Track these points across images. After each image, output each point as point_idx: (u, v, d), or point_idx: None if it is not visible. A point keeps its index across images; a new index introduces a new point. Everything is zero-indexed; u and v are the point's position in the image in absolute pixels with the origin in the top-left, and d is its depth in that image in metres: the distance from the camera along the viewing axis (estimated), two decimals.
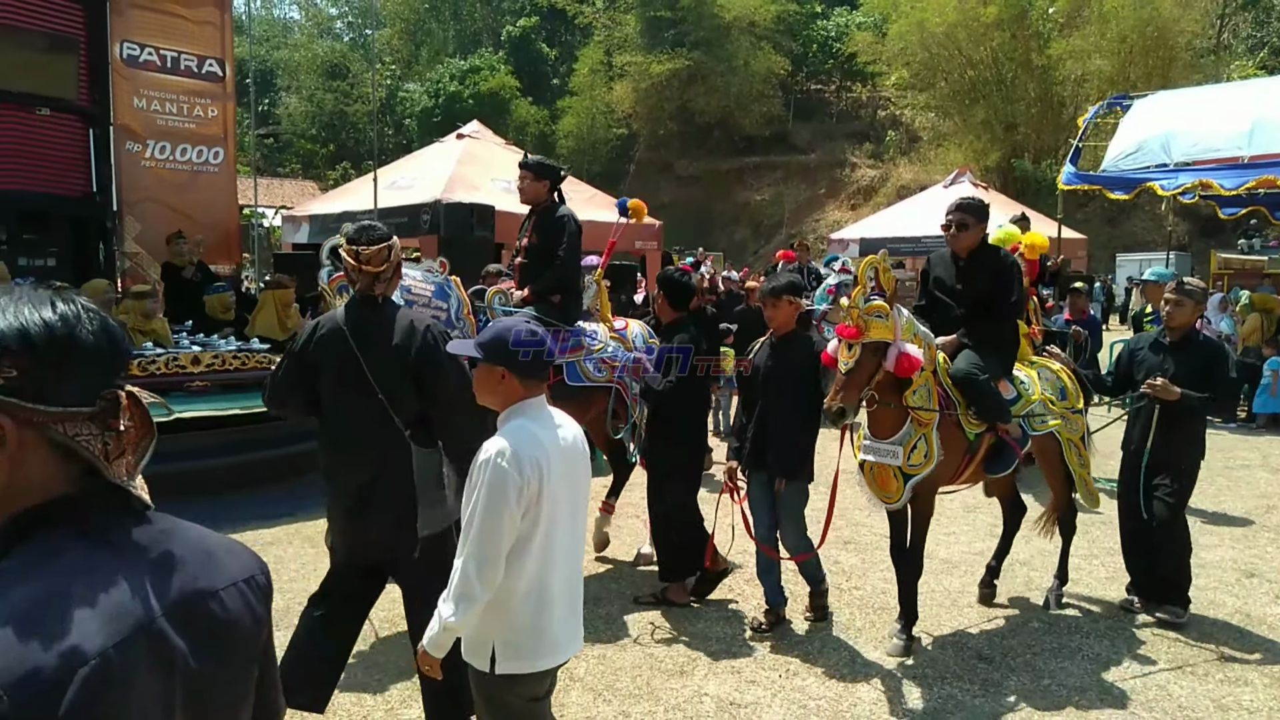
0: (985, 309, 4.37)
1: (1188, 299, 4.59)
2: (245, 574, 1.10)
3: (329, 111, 41.77)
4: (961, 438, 4.17)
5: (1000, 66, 31.09)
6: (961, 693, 3.80)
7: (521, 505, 2.24)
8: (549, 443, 2.32)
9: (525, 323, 2.44)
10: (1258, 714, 3.67)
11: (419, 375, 2.95)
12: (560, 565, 2.33)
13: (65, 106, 8.14)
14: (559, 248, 5.00)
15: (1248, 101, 10.94)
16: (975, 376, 4.13)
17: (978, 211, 4.39)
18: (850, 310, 3.79)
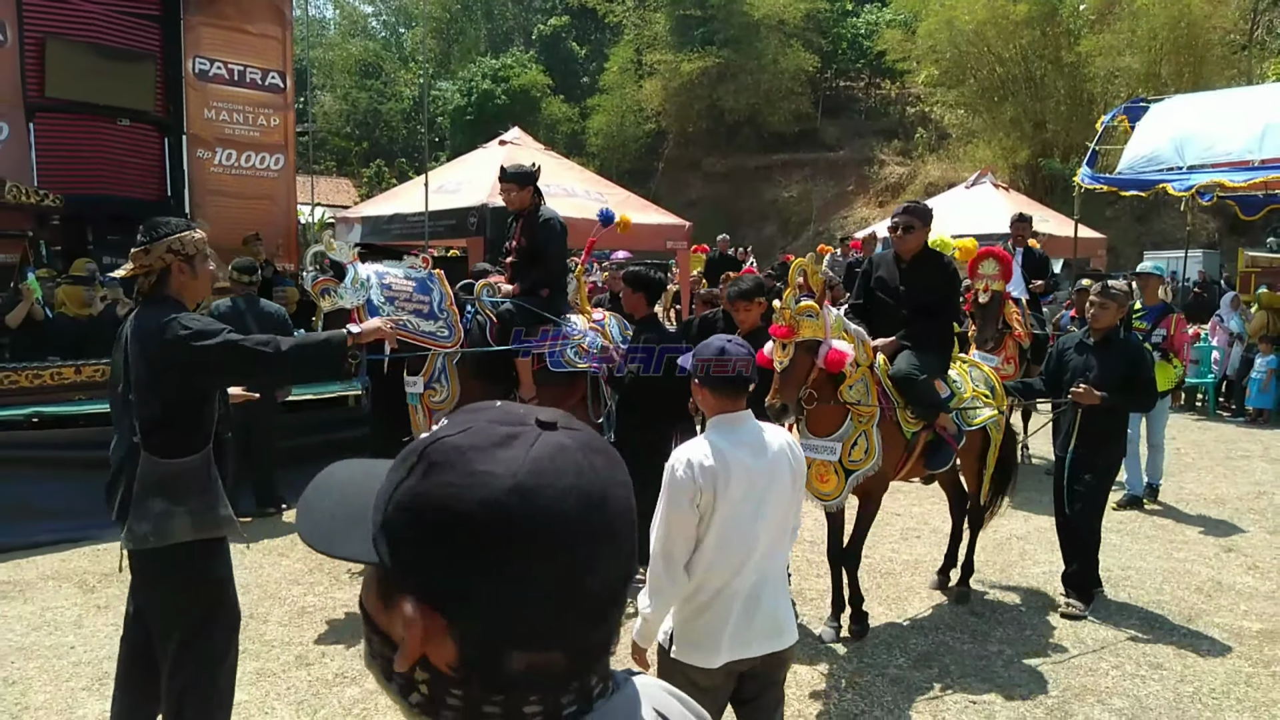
0: (926, 311, 4.52)
1: (1111, 301, 4.83)
2: None
3: (363, 110, 42.60)
4: (899, 435, 4.30)
5: (1030, 64, 31.11)
6: (953, 639, 4.36)
7: (695, 509, 2.38)
8: (733, 458, 2.41)
9: (728, 341, 2.54)
10: (1212, 660, 4.20)
11: (174, 375, 2.80)
12: (738, 572, 2.41)
13: (143, 118, 8.84)
14: (544, 247, 5.42)
15: (1260, 106, 11.26)
16: (914, 377, 4.28)
17: (923, 215, 4.58)
18: (782, 311, 3.91)
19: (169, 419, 2.82)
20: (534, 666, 0.70)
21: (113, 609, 4.61)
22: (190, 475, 2.82)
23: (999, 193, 15.63)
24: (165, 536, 2.76)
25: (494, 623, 0.69)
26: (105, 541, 5.60)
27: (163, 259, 2.84)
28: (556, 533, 0.68)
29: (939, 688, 3.89)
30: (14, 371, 5.82)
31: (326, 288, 4.65)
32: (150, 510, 2.74)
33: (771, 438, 2.54)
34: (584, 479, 0.70)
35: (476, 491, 0.68)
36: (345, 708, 3.66)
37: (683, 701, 0.89)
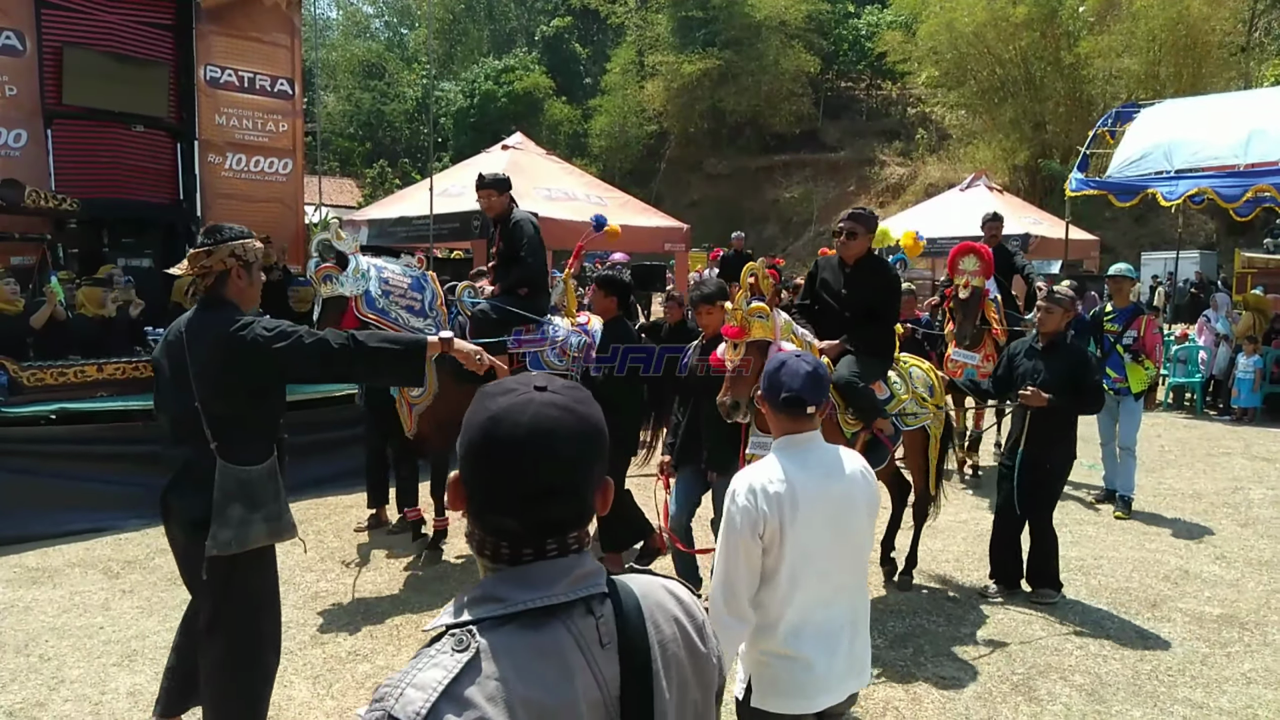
0: (868, 315, 4.67)
1: (1057, 307, 5.04)
2: None
3: (367, 110, 42.90)
4: (840, 436, 4.41)
5: (1029, 65, 31.31)
6: (929, 623, 4.63)
7: (759, 540, 2.24)
8: (801, 482, 2.29)
9: (796, 357, 2.45)
10: (1173, 640, 4.46)
11: (243, 377, 2.88)
12: (820, 605, 2.29)
13: (157, 124, 9.10)
14: (520, 249, 5.60)
15: (1246, 111, 11.51)
16: (855, 384, 4.42)
17: (867, 222, 4.70)
18: (734, 312, 4.05)
19: (241, 422, 2.91)
20: (500, 525, 1.11)
21: (137, 593, 4.90)
22: (263, 482, 2.94)
23: (992, 195, 15.88)
24: (246, 542, 2.87)
25: (474, 491, 1.12)
26: (127, 531, 5.90)
27: (224, 262, 2.92)
28: (505, 449, 1.08)
29: (913, 666, 4.15)
30: (40, 370, 6.11)
31: (329, 274, 4.88)
32: (231, 517, 2.83)
33: (847, 461, 2.42)
34: (536, 420, 1.09)
35: (476, 417, 1.11)
36: (358, 681, 3.93)
37: (680, 600, 1.22)
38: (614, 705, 1.08)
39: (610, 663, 1.09)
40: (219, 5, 9.26)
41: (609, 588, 1.14)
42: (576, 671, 1.06)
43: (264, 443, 3.01)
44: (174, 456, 3.00)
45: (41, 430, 6.03)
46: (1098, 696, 3.89)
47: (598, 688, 1.07)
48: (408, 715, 0.97)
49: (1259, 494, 7.33)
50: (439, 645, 1.04)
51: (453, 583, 5.15)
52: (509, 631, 1.05)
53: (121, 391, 6.38)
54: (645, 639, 1.13)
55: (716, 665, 1.25)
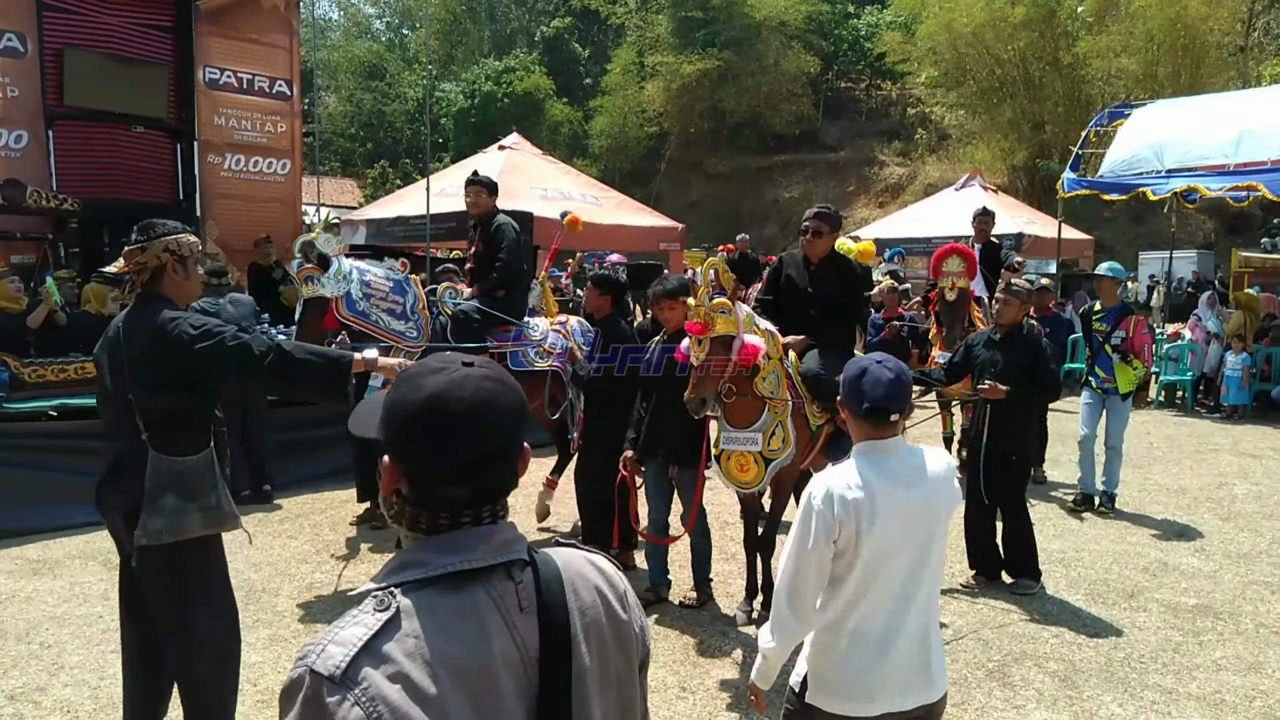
0: (832, 312, 4.76)
1: (1014, 298, 5.18)
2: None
3: (367, 111, 43.03)
4: (806, 427, 4.53)
5: (1028, 65, 31.36)
6: None
7: (832, 545, 2.21)
8: (881, 489, 2.24)
9: (875, 361, 2.36)
10: (1146, 631, 4.56)
11: (177, 372, 2.87)
12: (888, 612, 2.24)
13: (157, 124, 9.23)
14: (499, 251, 5.70)
15: (1237, 112, 11.62)
16: (821, 376, 4.48)
17: (832, 221, 4.80)
18: (697, 309, 4.09)
19: (174, 416, 2.90)
20: (446, 495, 1.16)
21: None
22: (198, 472, 2.93)
23: (987, 195, 15.97)
24: (180, 532, 2.85)
25: (416, 467, 1.16)
26: None
27: (158, 258, 2.91)
28: (452, 420, 1.14)
29: None
30: (42, 366, 6.22)
31: (310, 275, 4.95)
32: (164, 507, 2.82)
33: (931, 463, 2.35)
34: (476, 392, 1.16)
35: (414, 395, 1.15)
36: None
37: (601, 570, 1.27)
38: (532, 666, 1.13)
39: (529, 626, 1.14)
40: (218, 7, 9.39)
41: (530, 557, 1.19)
42: (494, 632, 1.11)
43: (198, 435, 3.01)
44: (109, 450, 3.03)
45: (42, 425, 6.14)
46: (1070, 683, 3.99)
47: (515, 649, 1.12)
48: (328, 669, 1.02)
49: (1243, 489, 7.42)
50: (361, 606, 1.10)
51: None
52: (429, 593, 1.10)
53: None
54: (565, 605, 1.18)
55: (639, 635, 1.29)
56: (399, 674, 1.03)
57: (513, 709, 1.10)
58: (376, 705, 1.01)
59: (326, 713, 1.01)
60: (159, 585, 2.93)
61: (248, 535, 3.41)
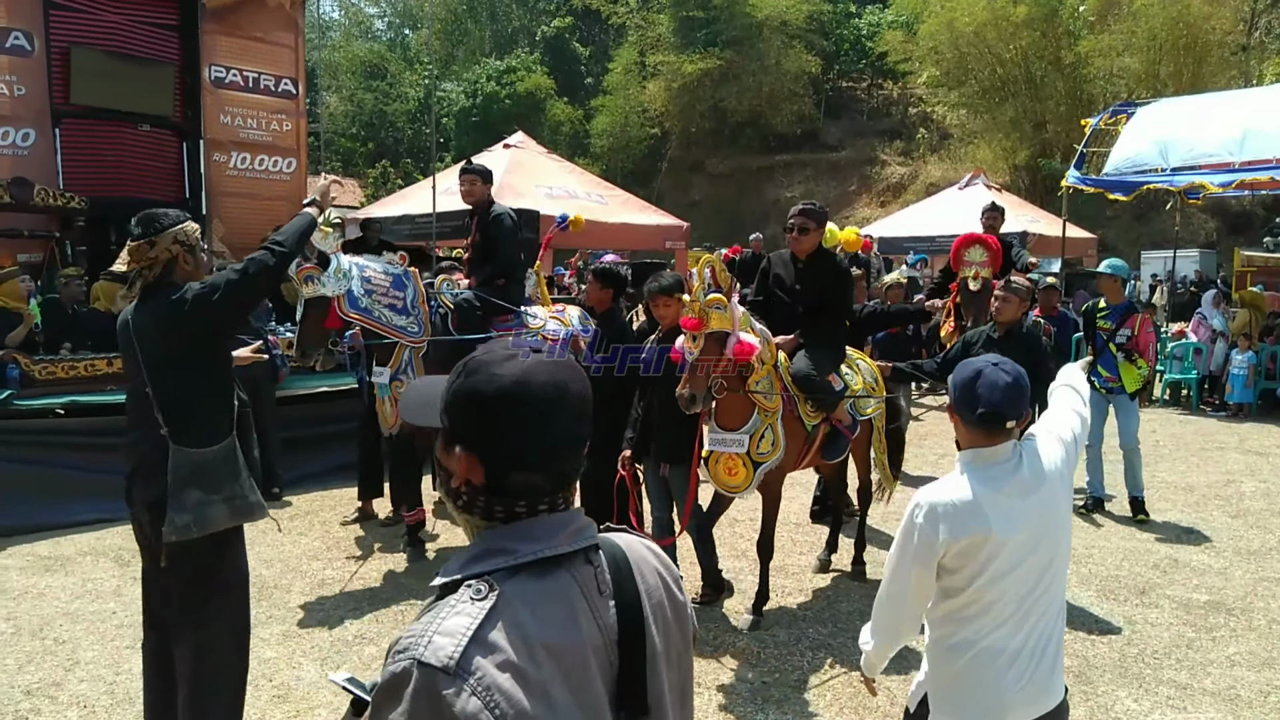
0: (820, 309, 4.72)
1: (1014, 296, 5.12)
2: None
3: (369, 110, 43.03)
4: (800, 428, 4.50)
5: (1030, 65, 31.37)
6: None
7: (934, 564, 2.12)
8: (993, 503, 2.10)
9: (994, 366, 2.20)
10: (1159, 627, 4.56)
11: (194, 341, 2.89)
12: (1013, 626, 2.12)
13: (163, 123, 9.22)
14: (497, 241, 5.67)
15: (1241, 110, 11.59)
16: (813, 376, 4.49)
17: (818, 217, 4.75)
18: (692, 304, 4.07)
19: (192, 404, 2.88)
20: (526, 482, 1.16)
21: None
22: (221, 463, 2.90)
23: (991, 193, 15.96)
24: (206, 525, 2.83)
25: (502, 455, 1.15)
26: None
27: (169, 250, 2.89)
28: (535, 406, 1.14)
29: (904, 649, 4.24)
30: (52, 363, 6.23)
31: (310, 275, 4.90)
32: (188, 501, 2.80)
33: (1046, 459, 2.21)
34: (552, 378, 1.17)
35: (490, 383, 1.15)
36: (365, 663, 4.04)
37: (658, 556, 1.29)
38: (613, 649, 1.15)
39: (608, 610, 1.16)
40: (223, 5, 9.38)
41: (600, 541, 1.21)
42: (581, 616, 1.12)
43: (218, 424, 2.97)
44: (132, 441, 2.99)
45: (53, 422, 6.16)
46: (1085, 678, 3.99)
47: (600, 632, 1.14)
48: (440, 660, 1.01)
49: (1250, 487, 7.42)
50: (456, 596, 1.09)
51: None
52: (521, 580, 1.11)
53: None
54: (636, 588, 1.20)
55: (691, 616, 1.32)
56: (508, 662, 1.04)
57: (599, 691, 1.12)
58: (492, 695, 1.01)
59: (443, 704, 1.00)
60: (181, 577, 2.90)
61: (276, 524, 3.44)
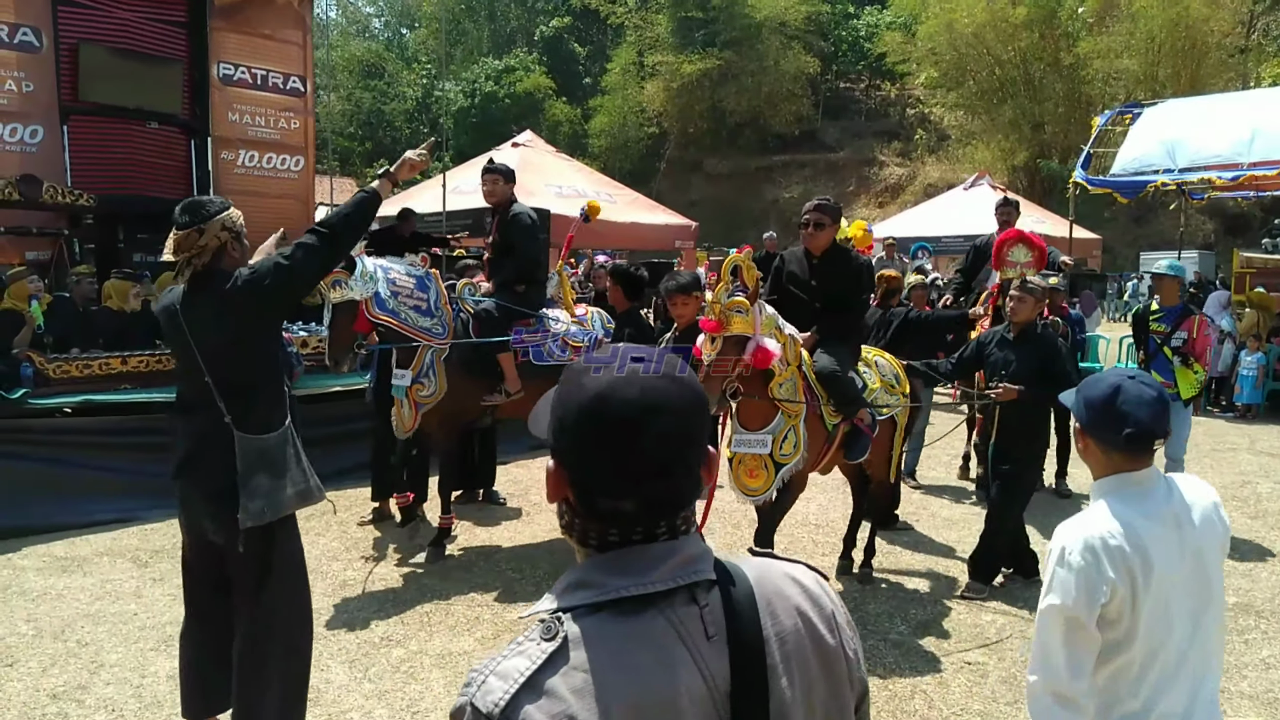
0: (837, 305, 4.65)
1: (1030, 296, 4.97)
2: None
3: (367, 110, 42.95)
4: (821, 428, 4.39)
5: (1028, 66, 31.48)
6: (951, 609, 4.70)
7: (1102, 612, 1.82)
8: (1151, 535, 1.85)
9: (1132, 379, 1.97)
10: None
11: (241, 330, 2.90)
12: (1177, 683, 1.86)
13: (171, 120, 9.16)
14: (518, 242, 5.59)
15: (1249, 111, 11.62)
16: (838, 373, 4.40)
17: (833, 213, 4.67)
18: (712, 305, 3.94)
19: (252, 388, 2.90)
20: (613, 508, 1.03)
21: (167, 581, 4.95)
22: (281, 448, 2.93)
23: (996, 194, 15.90)
24: (278, 509, 2.88)
25: (584, 476, 1.04)
26: (153, 521, 5.95)
27: (218, 238, 2.87)
28: (615, 425, 1.01)
29: (938, 652, 4.22)
30: (66, 362, 6.17)
31: (337, 279, 4.84)
32: (259, 487, 2.83)
33: (1194, 495, 1.96)
34: (645, 392, 1.02)
35: (575, 396, 1.04)
36: (394, 665, 3.99)
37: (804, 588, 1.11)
38: (723, 702, 0.99)
39: (718, 656, 1.00)
40: (231, 2, 9.31)
41: (718, 574, 1.05)
42: (677, 664, 0.97)
43: (277, 409, 3.00)
44: (187, 430, 2.97)
45: (67, 421, 6.09)
46: None
47: (703, 682, 0.98)
48: (486, 706, 0.94)
49: (1267, 488, 7.41)
50: (527, 633, 1.00)
51: (478, 572, 5.20)
52: (602, 619, 0.99)
53: (144, 384, 6.44)
54: (758, 630, 1.03)
55: (852, 662, 1.11)
56: (564, 714, 0.93)
57: None
58: None
59: None
60: (249, 566, 2.93)
61: (333, 506, 3.54)
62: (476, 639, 4.27)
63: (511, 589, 4.94)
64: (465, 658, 4.07)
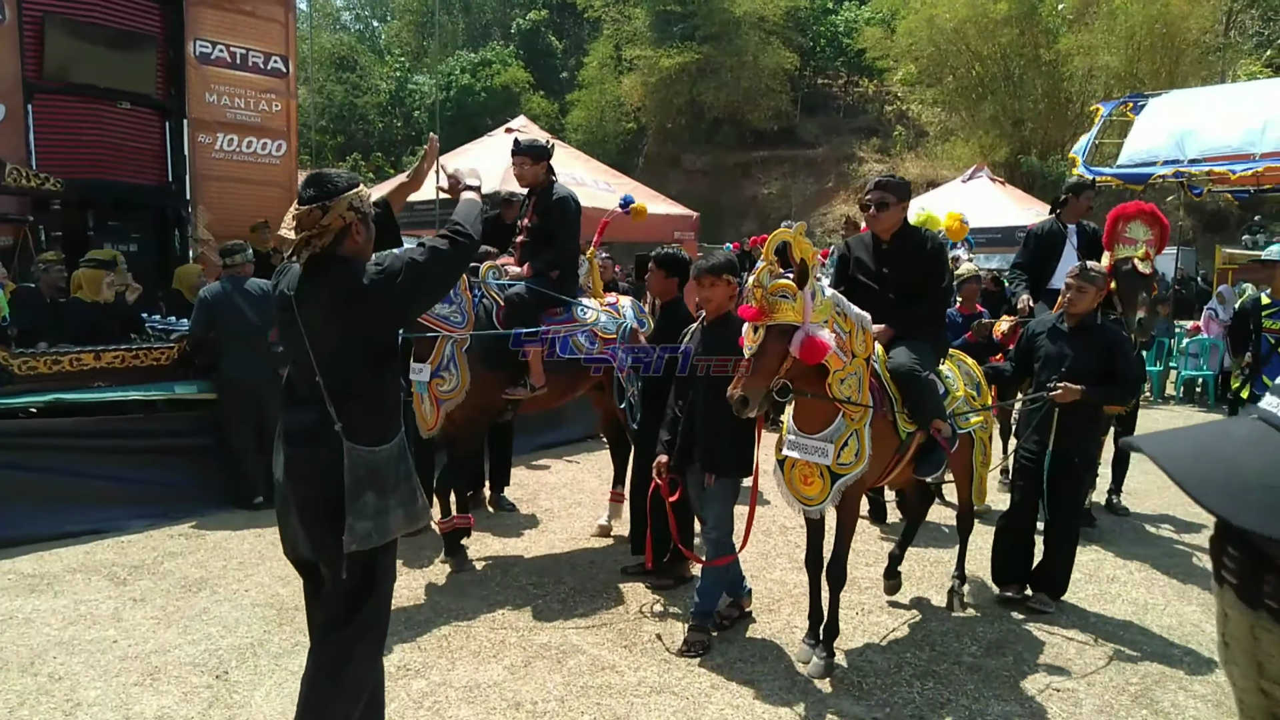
0: (912, 295, 4.13)
1: (1090, 285, 4.44)
2: None
3: (339, 103, 42.12)
4: (893, 436, 3.84)
5: (1009, 62, 31.42)
6: (1019, 626, 4.30)
7: None
8: None
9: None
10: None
11: (361, 331, 2.54)
12: None
13: (144, 101, 8.54)
14: (558, 227, 5.23)
15: (1261, 100, 11.41)
16: (917, 373, 3.86)
17: (899, 190, 4.13)
18: (754, 290, 3.46)
19: (365, 395, 2.54)
20: None
21: (149, 602, 4.44)
22: (393, 463, 2.57)
23: (995, 186, 15.71)
24: (385, 533, 2.53)
25: None
26: (131, 533, 5.43)
27: (343, 218, 2.52)
28: None
29: (1017, 676, 3.82)
30: (33, 357, 5.59)
31: None
32: (367, 506, 2.48)
33: None
34: None
35: None
36: (415, 700, 3.51)
37: None
38: None
39: None
40: None
41: None
42: None
43: (392, 420, 2.63)
44: (292, 426, 2.60)
45: (35, 423, 5.55)
46: (1226, 709, 3.58)
47: None
48: None
49: None
50: None
51: (495, 587, 4.73)
52: None
53: (119, 381, 5.88)
54: None
55: None
56: None
57: None
58: None
59: None
60: (342, 594, 2.57)
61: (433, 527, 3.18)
62: (505, 667, 3.81)
63: (536, 606, 4.47)
64: (496, 690, 3.61)
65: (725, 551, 4.05)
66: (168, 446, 6.00)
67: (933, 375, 4.03)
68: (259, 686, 3.61)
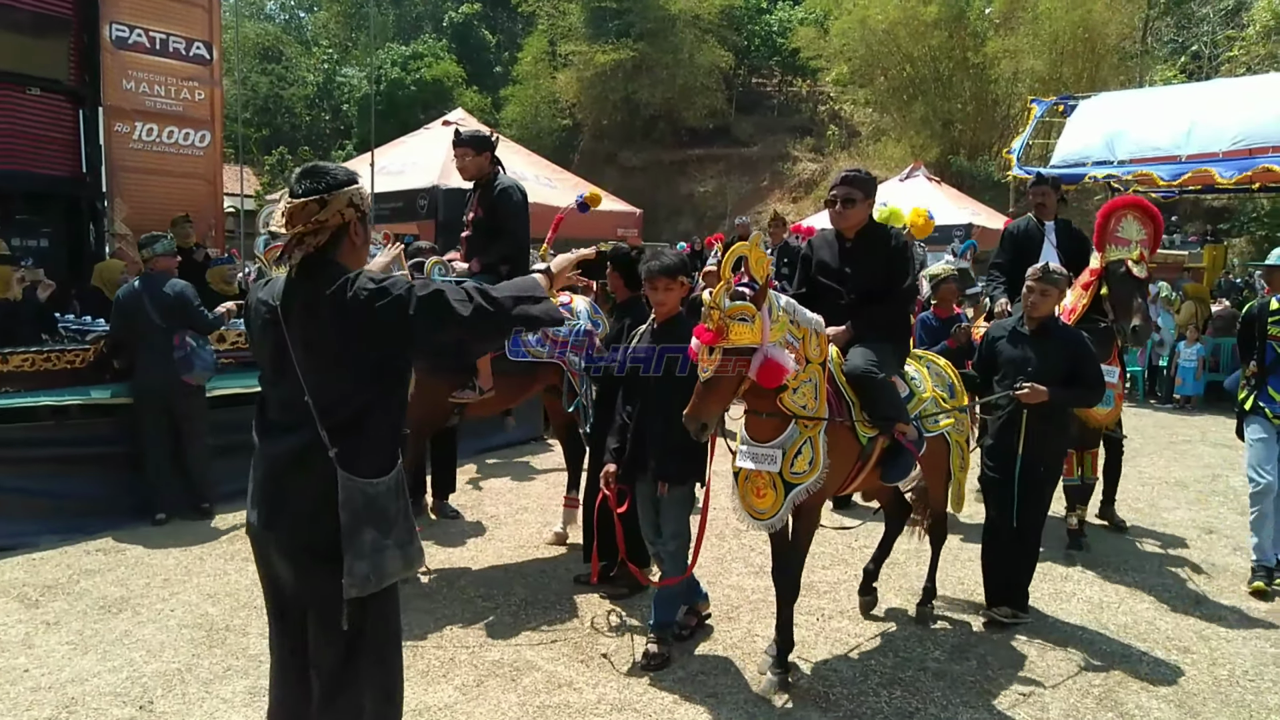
0: (876, 295, 3.96)
1: (1053, 287, 4.30)
2: None
3: (263, 95, 40.95)
4: (854, 442, 3.68)
5: (938, 64, 31.98)
6: (981, 632, 4.24)
7: None
8: None
9: None
10: (1234, 642, 4.20)
11: (357, 349, 2.24)
12: None
13: (55, 87, 8.05)
14: (506, 219, 5.03)
15: (1187, 104, 11.72)
16: (874, 375, 3.71)
17: (866, 185, 3.98)
18: (710, 311, 3.24)
19: (361, 420, 2.25)
20: None
21: (64, 625, 4.11)
22: (392, 498, 2.29)
23: (932, 185, 15.88)
24: (384, 576, 2.26)
25: None
26: (41, 550, 5.05)
27: (341, 215, 2.27)
28: None
29: (984, 680, 3.75)
30: None
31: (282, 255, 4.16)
32: (365, 545, 2.21)
33: None
34: None
35: None
36: None
37: None
38: None
39: None
40: None
41: None
42: None
43: (390, 449, 2.34)
44: (270, 456, 2.31)
45: None
46: (1189, 709, 3.56)
47: None
48: None
49: (1239, 481, 7.21)
50: None
51: (442, 600, 4.49)
52: None
53: (30, 386, 5.46)
54: None
55: None
56: None
57: None
58: None
59: None
60: (334, 641, 2.26)
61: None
62: (456, 687, 3.60)
63: (486, 621, 4.26)
64: (447, 712, 3.40)
65: (682, 563, 3.86)
66: (82, 455, 5.59)
67: (893, 376, 3.89)
68: (188, 716, 3.35)
